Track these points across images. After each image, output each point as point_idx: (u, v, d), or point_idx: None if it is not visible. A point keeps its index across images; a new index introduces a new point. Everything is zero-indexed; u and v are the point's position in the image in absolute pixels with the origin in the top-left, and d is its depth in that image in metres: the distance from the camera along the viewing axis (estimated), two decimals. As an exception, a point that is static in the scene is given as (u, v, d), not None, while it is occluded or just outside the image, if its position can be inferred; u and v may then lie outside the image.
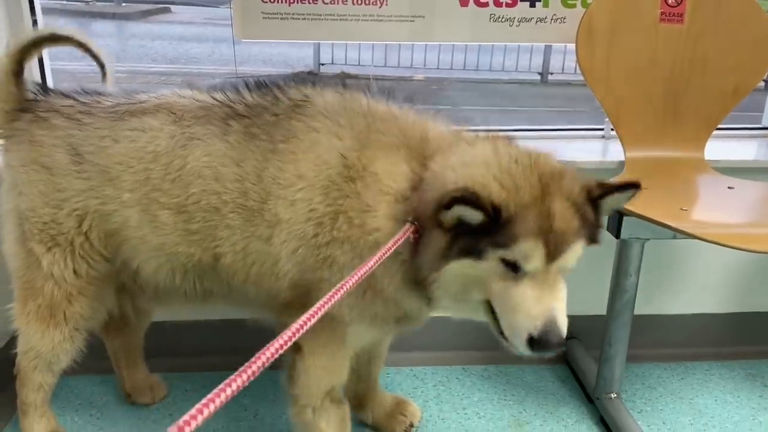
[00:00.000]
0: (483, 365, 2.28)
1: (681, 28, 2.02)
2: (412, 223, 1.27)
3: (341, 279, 1.03)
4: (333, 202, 1.37)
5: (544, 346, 1.19)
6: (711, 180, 1.99)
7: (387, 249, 1.17)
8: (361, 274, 1.07)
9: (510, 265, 1.20)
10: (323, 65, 7.04)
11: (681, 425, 2.05)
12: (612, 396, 2.04)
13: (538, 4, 2.06)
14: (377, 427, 1.96)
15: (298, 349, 1.48)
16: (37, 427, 1.78)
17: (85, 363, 1.83)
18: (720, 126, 2.09)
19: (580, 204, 1.24)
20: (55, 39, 1.65)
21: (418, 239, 1.27)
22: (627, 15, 2.00)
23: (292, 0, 1.98)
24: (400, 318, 1.46)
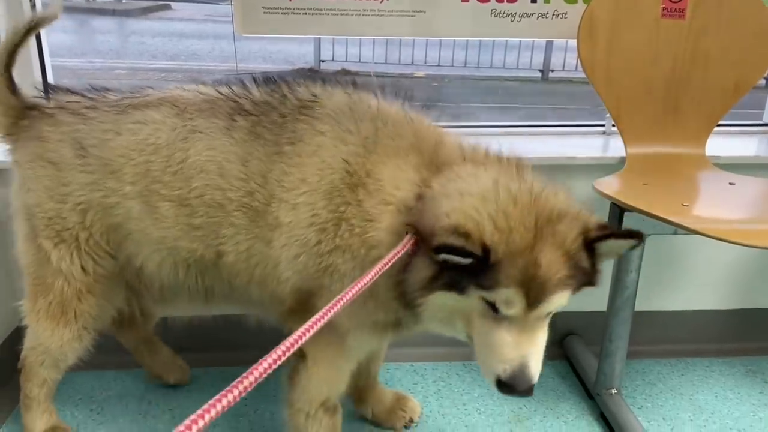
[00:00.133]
0: (483, 361, 2.28)
1: (682, 23, 2.01)
2: (412, 236, 1.24)
3: (341, 287, 1.02)
4: (336, 208, 1.35)
5: (510, 390, 1.22)
6: (712, 176, 1.99)
7: (388, 260, 1.16)
8: (361, 285, 1.07)
9: (491, 305, 1.20)
10: (323, 62, 7.04)
11: (681, 421, 2.06)
12: (612, 392, 2.04)
13: (539, -1, 2.06)
14: (377, 423, 1.96)
15: (302, 357, 1.48)
16: (39, 422, 1.78)
17: (86, 358, 1.83)
18: (721, 122, 2.08)
19: (573, 252, 1.20)
20: (27, 34, 1.57)
21: (415, 251, 1.24)
22: (628, 10, 1.99)
23: (292, -5, 1.98)
24: (399, 326, 1.45)
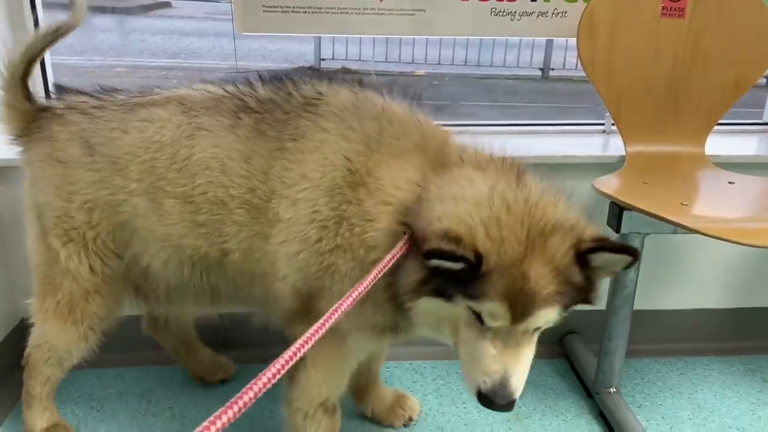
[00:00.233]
0: (483, 359, 2.28)
1: (682, 22, 2.02)
2: (408, 237, 1.23)
3: (342, 288, 1.01)
4: (337, 206, 1.34)
5: (489, 403, 1.20)
6: (712, 175, 1.99)
7: (386, 263, 1.16)
8: (360, 290, 1.07)
9: (477, 316, 1.19)
10: (324, 60, 7.03)
11: (680, 420, 2.06)
12: (611, 390, 2.05)
13: (539, -2, 2.06)
14: (377, 421, 1.96)
15: (302, 358, 1.47)
16: (40, 420, 1.79)
17: (87, 356, 1.84)
18: (721, 121, 2.08)
19: (563, 267, 1.17)
20: (48, 44, 1.61)
21: (409, 254, 1.23)
22: (628, 9, 1.99)
23: (292, -7, 1.98)
24: (397, 330, 1.43)
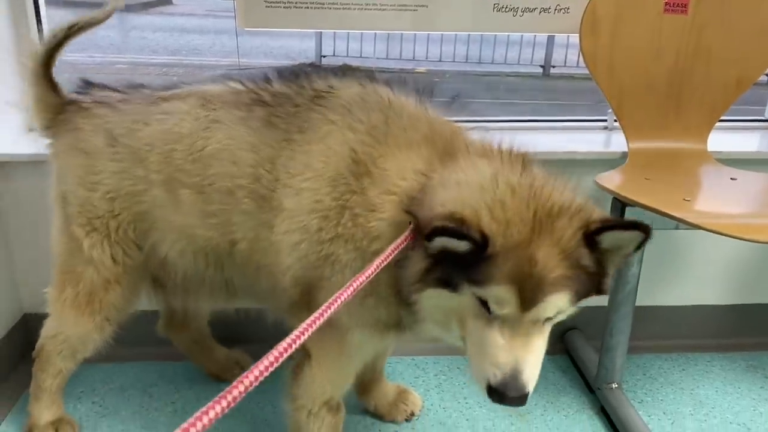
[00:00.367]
0: (484, 355, 2.29)
1: (685, 18, 2.01)
2: (413, 227, 1.21)
3: (342, 279, 0.98)
4: (340, 196, 1.34)
5: (500, 397, 1.13)
6: (714, 171, 1.99)
7: (389, 254, 1.14)
8: (362, 280, 1.05)
9: (484, 304, 1.14)
10: (325, 57, 7.01)
11: (682, 415, 2.06)
12: (613, 386, 2.05)
13: (541, -7, 2.06)
14: (379, 416, 1.97)
15: (307, 355, 1.48)
16: (46, 413, 1.80)
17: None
18: (723, 118, 2.08)
19: (571, 250, 1.13)
20: (70, 36, 1.62)
21: (413, 245, 1.21)
22: (631, 5, 1.99)
23: (294, -11, 1.98)
24: (401, 327, 1.41)
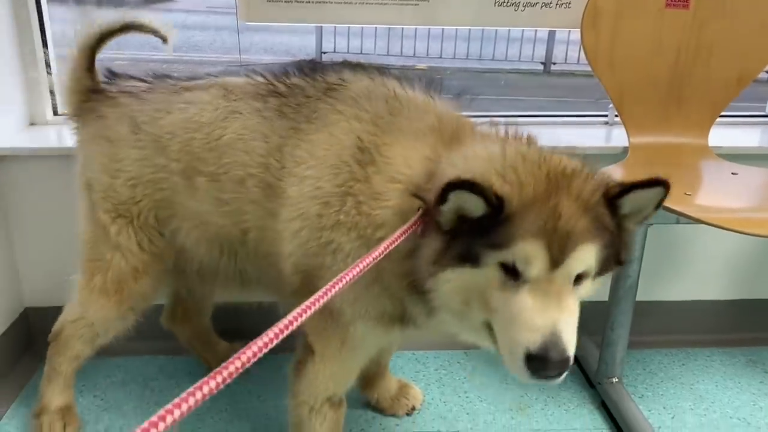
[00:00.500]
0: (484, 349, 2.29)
1: (687, 13, 2.01)
2: (422, 213, 1.18)
3: (345, 268, 0.95)
4: (343, 183, 1.34)
5: (543, 364, 1.03)
6: (715, 166, 1.99)
7: (396, 237, 1.11)
8: (368, 261, 1.01)
9: (510, 271, 1.08)
10: (325, 53, 7.01)
11: (682, 410, 2.07)
12: (613, 381, 2.06)
13: (543, -12, 2.06)
14: (380, 410, 1.98)
15: (310, 352, 1.48)
16: (58, 398, 1.81)
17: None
18: (723, 113, 2.08)
19: (592, 204, 1.10)
20: (125, 29, 1.68)
21: (423, 233, 1.18)
22: (632, 0, 1.99)
23: (296, -17, 1.98)
24: (406, 320, 1.38)
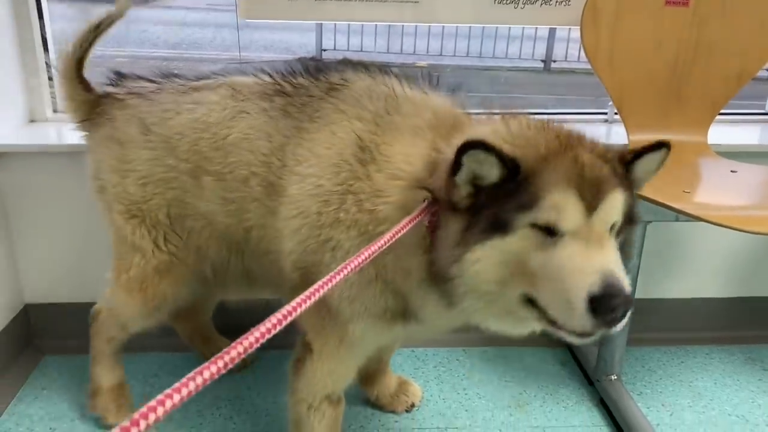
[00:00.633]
0: (483, 347, 2.29)
1: (686, 11, 2.01)
2: (429, 203, 1.16)
3: None
4: (343, 181, 1.34)
5: (609, 302, 0.96)
6: (714, 163, 1.99)
7: (403, 226, 1.10)
8: (374, 250, 1.00)
9: (544, 230, 1.04)
10: (325, 51, 7.00)
11: (680, 407, 2.07)
12: (612, 378, 2.06)
13: (543, -15, 2.06)
14: (379, 406, 1.98)
15: (308, 350, 1.48)
16: (107, 377, 1.85)
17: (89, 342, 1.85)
18: (723, 111, 2.08)
19: (609, 158, 1.12)
20: (107, 22, 1.70)
21: (434, 227, 1.17)
22: (632, -3, 1.99)
23: (296, -20, 1.97)
24: (408, 317, 1.36)
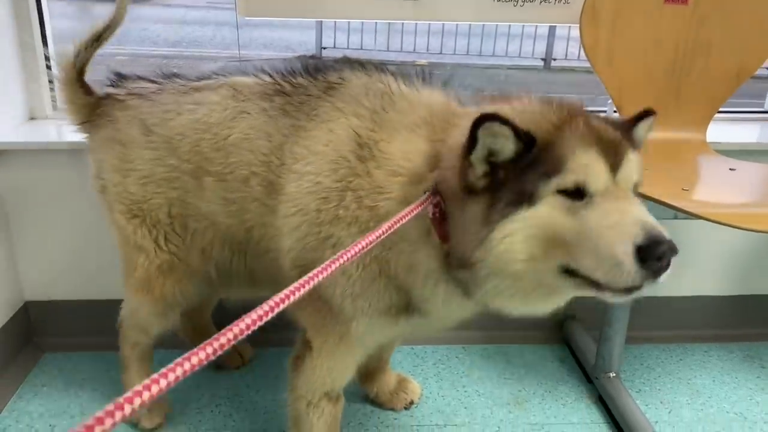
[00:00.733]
0: (482, 344, 2.30)
1: (686, 9, 2.01)
2: (432, 194, 1.17)
3: (344, 264, 0.94)
4: (342, 178, 1.34)
5: (656, 251, 0.96)
6: (713, 161, 1.99)
7: (397, 219, 1.09)
8: (377, 235, 1.00)
9: (572, 195, 1.04)
10: (325, 49, 7.01)
11: (679, 405, 2.08)
12: (611, 375, 2.06)
13: (542, -17, 2.06)
14: (378, 404, 1.99)
15: (308, 347, 1.49)
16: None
17: (90, 340, 1.86)
18: (722, 109, 2.08)
19: (618, 124, 1.16)
20: (108, 30, 1.66)
21: (441, 219, 1.17)
22: (631, -5, 1.99)
23: (295, -22, 1.97)
24: (410, 311, 1.36)
